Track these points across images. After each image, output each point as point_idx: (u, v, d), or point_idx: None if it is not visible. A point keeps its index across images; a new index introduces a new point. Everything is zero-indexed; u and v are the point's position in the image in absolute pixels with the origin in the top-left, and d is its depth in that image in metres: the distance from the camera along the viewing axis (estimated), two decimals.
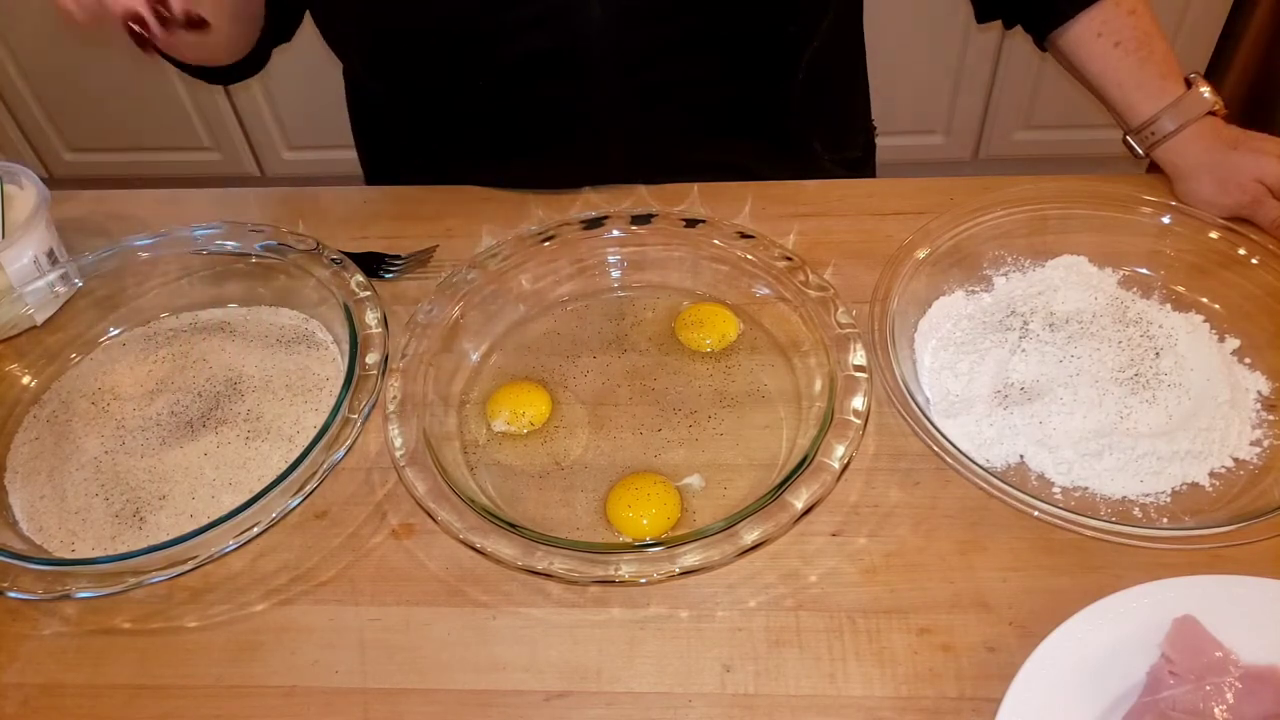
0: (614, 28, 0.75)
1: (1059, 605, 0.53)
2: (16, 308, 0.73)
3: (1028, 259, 0.74)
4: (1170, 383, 0.65)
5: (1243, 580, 0.53)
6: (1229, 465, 0.62)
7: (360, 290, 0.72)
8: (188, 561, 0.58)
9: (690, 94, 0.83)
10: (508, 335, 0.74)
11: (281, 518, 0.60)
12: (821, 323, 0.67)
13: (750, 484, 0.63)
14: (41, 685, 0.57)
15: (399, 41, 0.80)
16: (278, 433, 0.68)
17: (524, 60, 0.78)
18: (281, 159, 1.97)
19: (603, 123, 0.83)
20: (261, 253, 0.76)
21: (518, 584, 0.60)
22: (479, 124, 0.86)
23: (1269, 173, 0.72)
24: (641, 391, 0.69)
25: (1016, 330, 0.68)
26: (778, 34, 0.80)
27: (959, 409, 0.65)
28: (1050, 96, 1.75)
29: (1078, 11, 0.77)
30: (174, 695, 0.56)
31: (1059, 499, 0.61)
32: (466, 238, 0.81)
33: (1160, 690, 0.50)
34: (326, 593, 0.60)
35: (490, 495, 0.63)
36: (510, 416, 0.67)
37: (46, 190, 0.78)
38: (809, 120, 0.90)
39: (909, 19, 1.65)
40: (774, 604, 0.58)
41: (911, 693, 0.54)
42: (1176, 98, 0.75)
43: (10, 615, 0.60)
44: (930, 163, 1.89)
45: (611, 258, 0.77)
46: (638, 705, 0.54)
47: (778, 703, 0.54)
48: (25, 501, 0.65)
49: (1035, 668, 0.51)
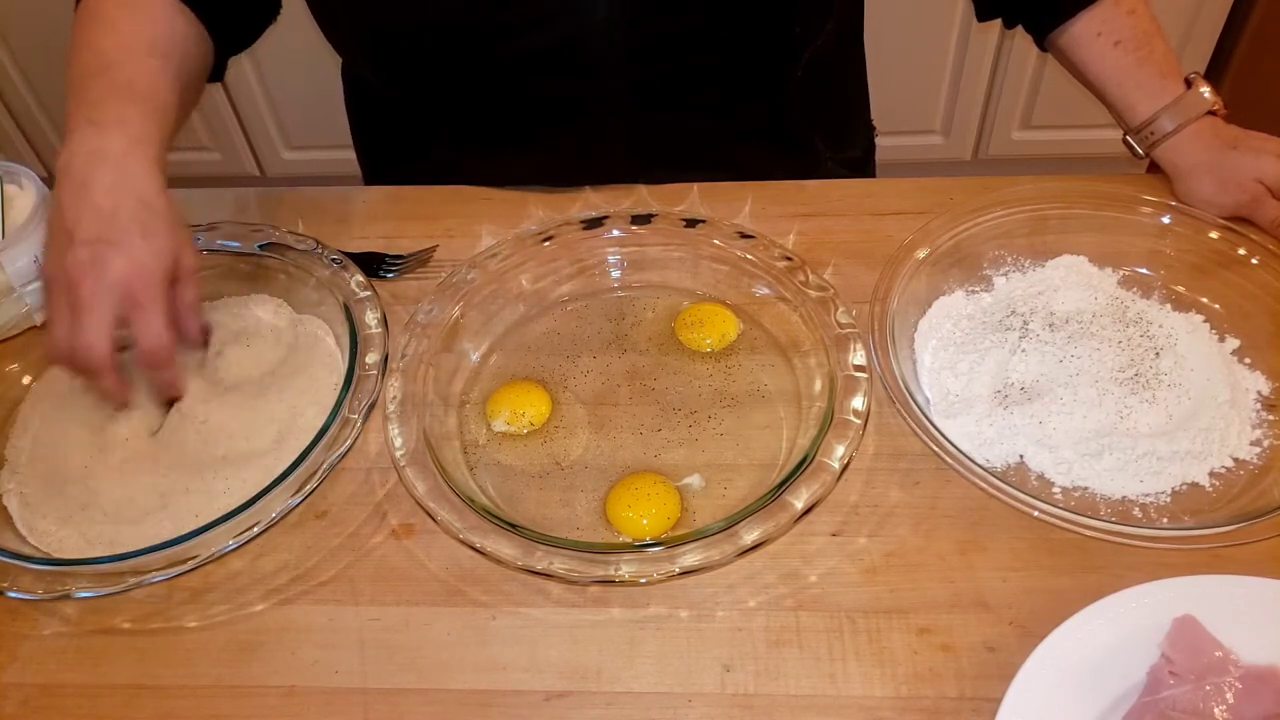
0: (618, 25, 0.76)
1: (1059, 605, 0.53)
2: (16, 308, 0.73)
3: (1028, 259, 0.74)
4: (1170, 383, 0.65)
5: (1243, 580, 0.53)
6: (1229, 465, 0.62)
7: (360, 290, 0.72)
8: (188, 561, 0.58)
9: (692, 92, 0.83)
10: (508, 335, 0.74)
11: (281, 518, 0.60)
12: (821, 323, 0.67)
13: (750, 484, 0.63)
14: (41, 685, 0.57)
15: (402, 39, 0.80)
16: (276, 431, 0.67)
17: (527, 57, 0.78)
18: (281, 159, 1.97)
19: (605, 120, 0.83)
20: (261, 253, 0.76)
21: (518, 584, 0.60)
22: (481, 121, 0.86)
23: (1268, 172, 0.72)
24: (641, 391, 0.69)
25: (1016, 330, 0.68)
26: (780, 33, 0.80)
27: (959, 409, 0.65)
28: (1050, 96, 1.75)
29: (1077, 11, 0.77)
30: (174, 695, 0.56)
31: (1059, 499, 0.61)
32: (466, 238, 0.81)
33: (1160, 690, 0.50)
34: (326, 593, 0.60)
35: (490, 495, 0.63)
36: (510, 416, 0.67)
37: (46, 190, 0.78)
38: (810, 119, 0.90)
39: (909, 19, 1.65)
40: (774, 604, 0.58)
41: (911, 693, 0.54)
42: (1176, 97, 0.75)
43: (10, 615, 0.60)
44: (930, 163, 1.89)
45: (611, 258, 0.77)
46: (638, 705, 0.54)
47: (778, 703, 0.54)
48: (25, 501, 0.65)
49: (1035, 668, 0.51)
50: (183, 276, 0.65)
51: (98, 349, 0.61)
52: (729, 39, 0.79)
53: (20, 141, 1.99)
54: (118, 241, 0.61)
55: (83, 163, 0.63)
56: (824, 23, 0.82)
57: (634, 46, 0.77)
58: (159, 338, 0.62)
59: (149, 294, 0.61)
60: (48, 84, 1.88)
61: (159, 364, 0.63)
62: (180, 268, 0.65)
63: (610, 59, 0.78)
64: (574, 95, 0.81)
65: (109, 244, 0.61)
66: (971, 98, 1.79)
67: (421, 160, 0.93)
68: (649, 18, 0.76)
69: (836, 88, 0.94)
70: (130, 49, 0.69)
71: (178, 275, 0.65)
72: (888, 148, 1.06)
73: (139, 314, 0.61)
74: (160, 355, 0.62)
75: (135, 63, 0.69)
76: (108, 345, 0.61)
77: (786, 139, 0.90)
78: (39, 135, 1.98)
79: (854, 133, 1.00)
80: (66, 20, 0.73)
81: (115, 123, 0.65)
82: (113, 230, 0.62)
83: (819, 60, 0.84)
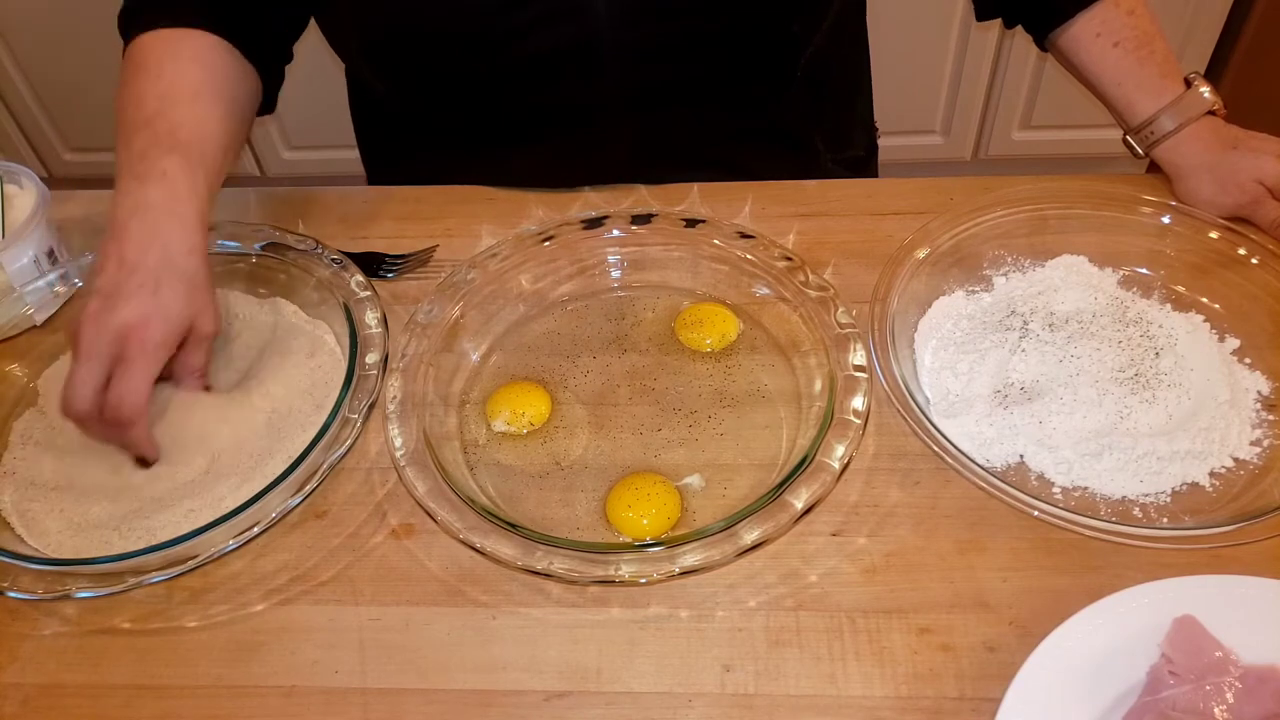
0: (619, 25, 0.76)
1: (1059, 605, 0.53)
2: (16, 308, 0.73)
3: (1028, 259, 0.74)
4: (1170, 383, 0.65)
5: (1243, 580, 0.53)
6: (1229, 465, 0.62)
7: (360, 290, 0.72)
8: (187, 561, 0.58)
9: (692, 92, 0.83)
10: (508, 335, 0.74)
11: (281, 518, 0.60)
12: (821, 323, 0.67)
13: (750, 484, 0.63)
14: (41, 685, 0.57)
15: (403, 41, 0.80)
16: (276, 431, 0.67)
17: (529, 59, 0.78)
18: (281, 159, 1.97)
19: (607, 120, 0.83)
20: (261, 253, 0.76)
21: (518, 584, 0.60)
22: (482, 123, 0.86)
23: (1268, 173, 0.72)
24: (641, 391, 0.69)
25: (1016, 330, 0.68)
26: (779, 32, 0.80)
27: (959, 409, 0.65)
28: (1050, 96, 1.75)
29: (1077, 11, 0.77)
30: (174, 695, 0.56)
31: (1059, 499, 0.61)
32: (466, 238, 0.81)
33: (1160, 690, 0.50)
34: (326, 593, 0.60)
35: (490, 495, 0.64)
36: (510, 416, 0.67)
37: (46, 190, 0.78)
38: (811, 119, 0.90)
39: (909, 19, 1.65)
40: (774, 604, 0.58)
41: (911, 693, 0.54)
42: (1176, 97, 0.75)
43: (10, 615, 0.60)
44: (930, 163, 1.89)
45: (611, 258, 0.77)
46: (638, 705, 0.54)
47: (777, 703, 0.54)
48: (24, 501, 0.65)
49: (1035, 668, 0.51)
50: (194, 341, 0.65)
51: (78, 402, 0.60)
52: (728, 39, 0.79)
53: (20, 141, 1.99)
54: (129, 295, 0.61)
55: (124, 216, 0.64)
56: (822, 21, 0.82)
57: (634, 47, 0.77)
58: (127, 396, 0.60)
59: (139, 349, 0.60)
60: (48, 84, 1.88)
61: (119, 422, 0.61)
62: (194, 331, 0.64)
63: (614, 59, 0.78)
64: (575, 96, 0.81)
65: (120, 296, 0.61)
66: (971, 98, 1.79)
67: (423, 160, 0.93)
68: (648, 18, 0.76)
69: (837, 88, 0.94)
70: (174, 97, 0.69)
71: (190, 338, 0.64)
72: (888, 148, 1.06)
73: (120, 368, 0.60)
74: (122, 414, 0.61)
75: (179, 109, 0.69)
76: (90, 398, 0.60)
77: (787, 139, 0.90)
78: (39, 135, 1.98)
79: (855, 133, 1.00)
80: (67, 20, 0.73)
81: (158, 177, 0.65)
82: (128, 283, 0.61)
83: (819, 60, 0.84)
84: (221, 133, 0.71)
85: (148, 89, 0.70)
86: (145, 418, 0.62)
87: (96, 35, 1.73)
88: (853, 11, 0.91)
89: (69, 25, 1.74)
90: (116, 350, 0.61)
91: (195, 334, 0.65)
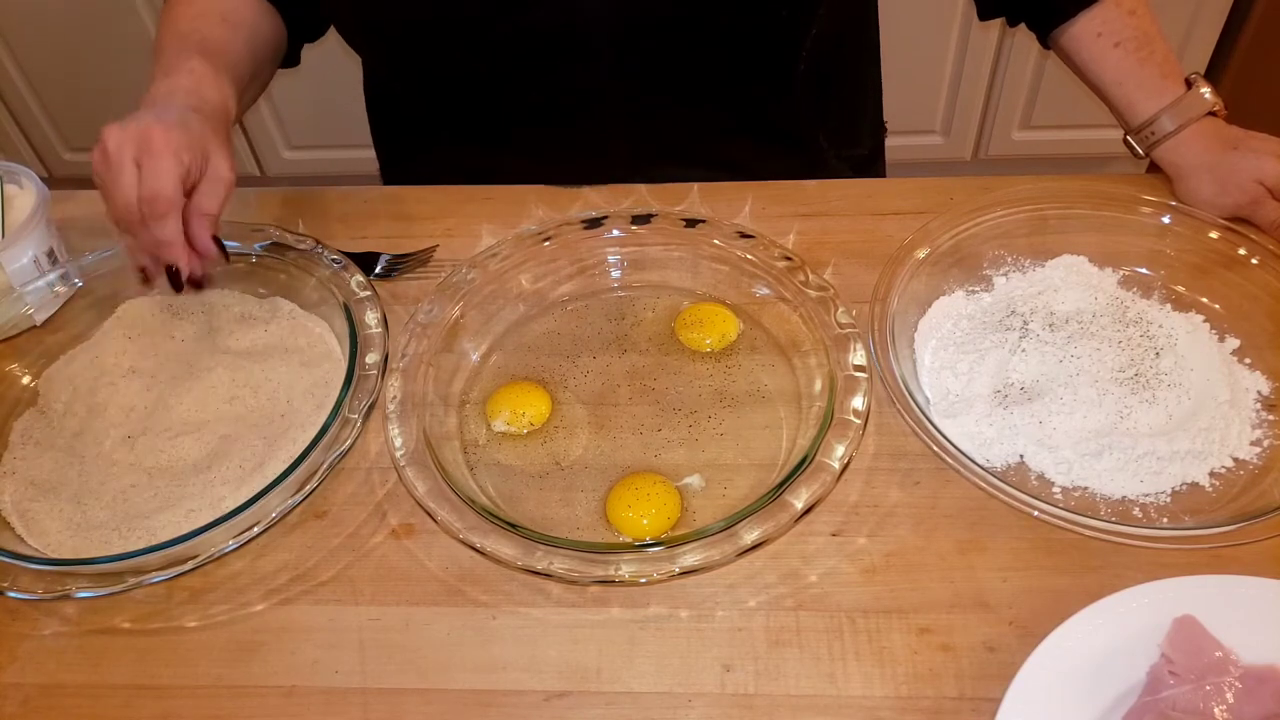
0: (612, 10, 0.76)
1: (1059, 605, 0.53)
2: (16, 308, 0.73)
3: (1028, 259, 0.74)
4: (1170, 383, 0.65)
5: (1243, 580, 0.53)
6: (1229, 465, 0.62)
7: (360, 290, 0.72)
8: (187, 561, 0.58)
9: (692, 82, 0.83)
10: (508, 335, 0.74)
11: (281, 518, 0.60)
12: (821, 323, 0.67)
13: (750, 484, 0.63)
14: (41, 685, 0.57)
15: (404, 28, 0.80)
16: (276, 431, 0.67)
17: (525, 43, 0.78)
18: (281, 159, 1.97)
19: (606, 116, 0.83)
20: (261, 253, 0.76)
21: (518, 584, 0.60)
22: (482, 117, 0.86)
23: (1269, 173, 0.72)
24: (641, 391, 0.69)
25: (1016, 330, 0.68)
26: (770, 16, 0.80)
27: (959, 409, 0.65)
28: (1050, 96, 1.75)
29: (1078, 11, 0.77)
30: (174, 695, 0.56)
31: (1059, 499, 0.61)
32: (466, 238, 0.81)
33: (1160, 690, 0.50)
34: (326, 593, 0.60)
35: (490, 495, 0.64)
36: (510, 416, 0.67)
37: (46, 190, 0.78)
38: (814, 113, 0.90)
39: (909, 19, 1.65)
40: (774, 604, 0.58)
41: (911, 693, 0.54)
42: (1176, 97, 0.75)
43: (10, 615, 0.60)
44: (930, 163, 1.89)
45: (611, 258, 0.77)
46: (637, 705, 0.54)
47: (777, 702, 0.54)
48: (24, 501, 0.65)
49: (1035, 668, 0.51)
50: (209, 181, 0.66)
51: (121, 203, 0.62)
52: (723, 23, 0.79)
53: (20, 141, 1.99)
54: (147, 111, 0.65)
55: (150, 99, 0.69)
56: (815, 7, 0.81)
57: (629, 34, 0.77)
58: (157, 186, 0.61)
59: (163, 144, 0.62)
60: (48, 84, 1.88)
61: (156, 212, 0.62)
62: (210, 169, 0.65)
63: (609, 43, 0.78)
64: (575, 80, 0.81)
65: (139, 114, 0.65)
66: (971, 98, 1.79)
67: (429, 155, 0.93)
68: (640, 3, 0.76)
69: (843, 83, 0.94)
70: (204, 17, 0.77)
71: (205, 176, 0.65)
72: (888, 147, 1.06)
73: (148, 160, 0.62)
74: (158, 207, 0.62)
75: (208, 28, 0.76)
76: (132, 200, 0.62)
77: (790, 135, 0.90)
78: (39, 135, 1.98)
79: (861, 130, 0.99)
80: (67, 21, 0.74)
81: (186, 72, 0.70)
82: (152, 109, 0.66)
83: (823, 54, 0.84)
84: (246, 56, 0.78)
85: (182, 14, 0.78)
86: (179, 211, 0.64)
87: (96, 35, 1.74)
88: (858, 4, 0.90)
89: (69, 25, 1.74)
90: (140, 149, 0.62)
91: (211, 172, 0.66)
